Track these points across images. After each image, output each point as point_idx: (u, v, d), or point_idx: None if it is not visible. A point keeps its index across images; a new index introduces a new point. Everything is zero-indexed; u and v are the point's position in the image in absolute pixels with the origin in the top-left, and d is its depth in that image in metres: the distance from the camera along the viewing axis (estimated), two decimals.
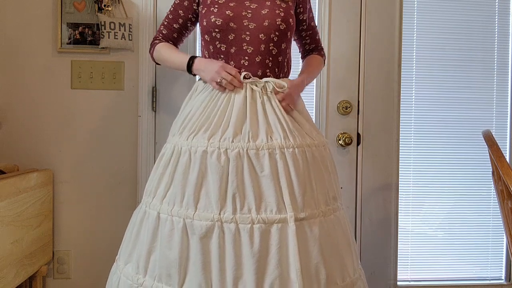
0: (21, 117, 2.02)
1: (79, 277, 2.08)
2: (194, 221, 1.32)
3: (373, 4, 2.13)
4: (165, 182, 1.41)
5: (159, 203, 1.39)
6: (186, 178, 1.36)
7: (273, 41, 1.47)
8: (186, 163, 1.38)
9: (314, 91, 2.13)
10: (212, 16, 1.46)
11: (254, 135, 1.36)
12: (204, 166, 1.35)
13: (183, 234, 1.33)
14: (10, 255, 1.68)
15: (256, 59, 1.45)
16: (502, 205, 1.61)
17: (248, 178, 1.32)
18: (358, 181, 2.16)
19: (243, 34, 1.45)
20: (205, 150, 1.35)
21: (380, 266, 2.19)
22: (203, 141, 1.36)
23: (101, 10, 1.98)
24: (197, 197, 1.34)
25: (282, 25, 1.46)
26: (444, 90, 2.24)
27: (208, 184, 1.34)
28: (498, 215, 2.23)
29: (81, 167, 2.05)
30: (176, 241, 1.33)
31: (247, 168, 1.33)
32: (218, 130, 1.38)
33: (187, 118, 1.46)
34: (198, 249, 1.31)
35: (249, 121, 1.38)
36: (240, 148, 1.34)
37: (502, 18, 2.25)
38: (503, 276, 2.33)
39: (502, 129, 2.27)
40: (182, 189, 1.36)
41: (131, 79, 2.05)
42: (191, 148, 1.38)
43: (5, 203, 1.65)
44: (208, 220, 1.31)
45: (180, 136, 1.44)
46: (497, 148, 1.56)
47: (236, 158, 1.33)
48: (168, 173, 1.40)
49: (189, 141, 1.39)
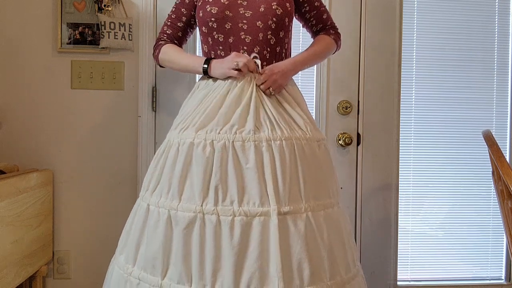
0: (21, 117, 2.02)
1: (79, 277, 2.08)
2: (178, 212, 1.31)
3: (373, 4, 2.13)
4: (156, 175, 1.42)
5: (150, 195, 1.40)
6: (172, 170, 1.37)
7: (270, 28, 1.44)
8: (174, 156, 1.38)
9: (314, 91, 2.13)
10: (207, 6, 1.45)
11: (241, 127, 1.34)
12: (190, 157, 1.35)
13: (168, 225, 1.33)
14: (10, 255, 1.68)
15: (254, 50, 1.44)
16: (502, 205, 1.61)
17: (232, 170, 1.31)
18: (358, 181, 2.16)
19: (240, 23, 1.43)
20: (192, 141, 1.35)
21: (380, 266, 2.19)
22: (191, 133, 1.37)
23: (101, 10, 1.98)
24: (181, 188, 1.34)
25: (279, 9, 1.44)
26: (444, 90, 2.24)
27: (193, 175, 1.33)
28: (498, 215, 2.23)
29: (81, 167, 2.05)
30: (160, 232, 1.33)
31: (232, 160, 1.31)
32: (208, 122, 1.37)
33: (183, 115, 1.47)
34: (180, 240, 1.30)
35: (239, 113, 1.36)
36: (226, 140, 1.33)
37: (502, 18, 2.25)
38: (503, 276, 2.33)
39: (502, 129, 2.27)
40: (169, 181, 1.36)
41: (131, 79, 2.05)
42: (180, 141, 1.39)
43: (5, 203, 1.65)
44: (191, 211, 1.30)
45: (173, 130, 1.45)
46: (497, 148, 1.56)
47: (222, 150, 1.32)
48: (159, 166, 1.41)
49: (180, 134, 1.40)
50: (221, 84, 1.43)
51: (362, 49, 2.13)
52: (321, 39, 1.60)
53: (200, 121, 1.37)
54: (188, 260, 1.30)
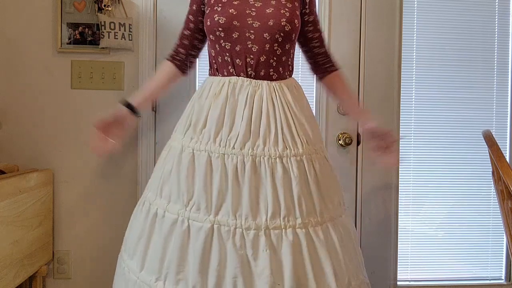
0: (21, 117, 2.02)
1: (79, 277, 2.08)
2: (166, 213, 1.38)
3: (373, 4, 2.13)
4: (153, 175, 1.51)
5: (147, 191, 1.50)
6: (162, 169, 1.46)
7: (277, 41, 1.44)
8: (164, 156, 1.47)
9: (314, 91, 2.13)
10: (215, 15, 1.45)
11: (242, 141, 1.36)
12: (178, 161, 1.41)
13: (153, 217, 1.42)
14: (10, 255, 1.68)
15: (261, 59, 1.44)
16: (502, 205, 1.61)
17: (217, 179, 1.35)
18: (358, 181, 2.16)
19: (247, 33, 1.43)
20: (182, 145, 1.42)
21: (380, 266, 2.19)
22: (185, 138, 1.43)
23: (101, 10, 1.98)
24: (161, 188, 1.42)
25: (287, 26, 1.44)
26: (444, 90, 2.24)
27: (173, 177, 1.40)
28: (498, 215, 2.23)
29: (81, 167, 2.05)
30: (142, 221, 1.44)
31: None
32: (202, 130, 1.41)
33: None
34: (159, 230, 1.38)
35: (244, 126, 1.38)
36: (217, 152, 1.36)
37: (502, 18, 2.25)
38: (503, 276, 2.33)
39: (502, 129, 2.27)
40: (158, 180, 1.45)
41: (131, 79, 2.05)
42: (171, 143, 1.48)
43: (5, 203, 1.65)
44: (174, 213, 1.37)
45: (174, 133, 1.51)
46: (497, 148, 1.56)
47: (207, 159, 1.37)
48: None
49: (177, 135, 1.47)
50: (242, 93, 1.43)
51: (362, 49, 2.13)
52: (343, 79, 1.67)
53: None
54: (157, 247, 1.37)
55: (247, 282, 1.28)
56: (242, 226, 1.31)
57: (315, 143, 1.45)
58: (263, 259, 1.29)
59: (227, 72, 1.46)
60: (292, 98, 1.45)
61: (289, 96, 1.45)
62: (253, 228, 1.31)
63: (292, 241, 1.31)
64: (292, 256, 1.30)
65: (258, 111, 1.39)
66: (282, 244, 1.31)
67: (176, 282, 1.32)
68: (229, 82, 1.44)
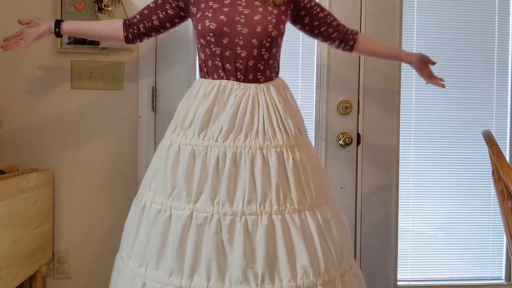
0: (21, 117, 2.02)
1: (79, 277, 2.08)
2: (152, 204, 1.45)
3: (373, 4, 2.13)
4: (147, 171, 1.58)
5: (141, 187, 1.57)
6: (152, 165, 1.54)
7: (265, 46, 1.50)
8: (156, 154, 1.55)
9: (314, 91, 2.13)
10: (207, 21, 1.49)
11: (224, 135, 1.42)
12: (166, 156, 1.47)
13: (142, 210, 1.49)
14: (10, 255, 1.68)
15: (249, 63, 1.49)
16: (502, 205, 1.61)
17: (198, 170, 1.40)
18: (358, 181, 2.16)
19: (236, 39, 1.48)
20: (170, 141, 1.48)
21: (380, 266, 2.19)
22: (173, 135, 1.49)
23: (101, 10, 1.98)
24: (151, 181, 1.49)
25: (274, 31, 1.50)
26: (444, 90, 2.21)
27: (160, 171, 1.47)
28: (498, 215, 2.23)
29: (81, 167, 2.05)
30: (133, 214, 1.52)
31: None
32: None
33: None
34: (146, 221, 1.46)
35: (227, 121, 1.43)
36: (201, 145, 1.42)
37: (502, 18, 2.25)
38: (503, 276, 2.33)
39: (502, 129, 2.27)
40: (149, 175, 1.53)
41: (131, 79, 2.05)
42: (163, 140, 1.54)
43: (5, 203, 1.65)
44: (158, 204, 1.43)
45: (167, 131, 1.57)
46: (497, 148, 1.56)
47: (190, 152, 1.42)
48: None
49: (168, 133, 1.53)
50: (231, 96, 1.48)
51: None
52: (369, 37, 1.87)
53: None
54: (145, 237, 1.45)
55: (221, 265, 1.34)
56: (219, 212, 1.36)
57: (297, 136, 1.51)
58: (237, 244, 1.35)
59: (217, 76, 1.51)
60: (277, 96, 1.51)
61: (274, 95, 1.51)
62: (229, 214, 1.36)
63: (267, 226, 1.36)
64: (265, 240, 1.35)
65: (243, 108, 1.46)
66: (257, 229, 1.36)
67: (156, 267, 1.39)
68: (220, 85, 1.49)
